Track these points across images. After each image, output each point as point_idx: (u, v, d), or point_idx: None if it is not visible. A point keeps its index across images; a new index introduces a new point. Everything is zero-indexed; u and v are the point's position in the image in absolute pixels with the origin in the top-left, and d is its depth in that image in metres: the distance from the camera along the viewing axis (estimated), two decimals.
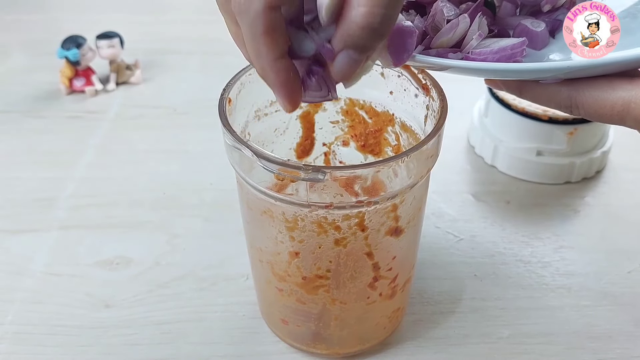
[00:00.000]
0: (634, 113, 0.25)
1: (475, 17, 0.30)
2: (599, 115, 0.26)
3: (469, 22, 0.29)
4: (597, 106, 0.26)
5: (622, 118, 0.25)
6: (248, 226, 0.37)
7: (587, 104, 0.26)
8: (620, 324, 0.42)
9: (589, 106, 0.26)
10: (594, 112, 0.26)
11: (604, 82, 0.26)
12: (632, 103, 0.25)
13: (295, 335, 0.39)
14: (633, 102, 0.25)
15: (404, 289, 0.39)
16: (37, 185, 0.54)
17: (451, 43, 0.30)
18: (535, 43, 0.30)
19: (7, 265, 0.46)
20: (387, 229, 0.33)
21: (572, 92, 0.27)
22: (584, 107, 0.27)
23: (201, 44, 0.76)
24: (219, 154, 0.38)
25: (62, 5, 0.87)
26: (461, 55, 0.29)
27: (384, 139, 0.39)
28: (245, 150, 0.29)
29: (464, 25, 0.29)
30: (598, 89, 0.26)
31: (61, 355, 0.40)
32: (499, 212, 0.51)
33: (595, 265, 0.46)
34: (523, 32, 0.31)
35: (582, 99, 0.26)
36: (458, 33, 0.29)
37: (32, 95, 0.66)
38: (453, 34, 0.29)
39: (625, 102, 0.25)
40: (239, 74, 0.35)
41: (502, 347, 0.41)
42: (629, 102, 0.25)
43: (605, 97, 0.26)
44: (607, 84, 0.26)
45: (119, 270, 0.46)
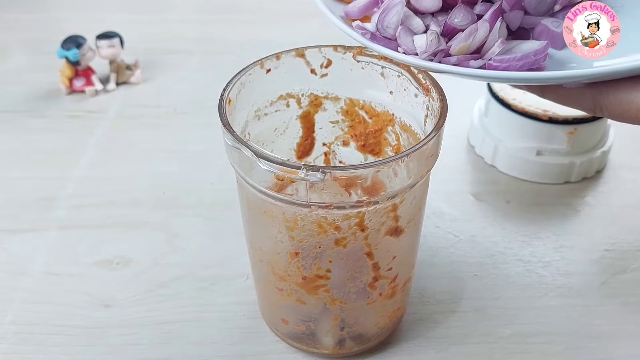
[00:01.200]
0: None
1: (495, 22, 0.29)
2: (623, 117, 0.26)
3: (489, 28, 0.29)
4: (622, 109, 0.26)
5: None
6: (248, 226, 0.37)
7: (612, 106, 0.26)
8: (620, 324, 0.42)
9: (613, 109, 0.26)
10: (618, 114, 0.26)
11: (627, 84, 0.25)
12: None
13: (295, 335, 0.39)
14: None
15: (404, 289, 0.39)
16: (36, 185, 0.54)
17: (471, 49, 0.29)
18: (556, 43, 0.30)
19: (6, 265, 0.46)
20: (387, 229, 0.33)
21: (596, 95, 0.26)
22: (608, 110, 0.26)
23: (201, 44, 0.76)
24: (219, 154, 0.38)
25: (62, 5, 0.87)
26: (482, 62, 0.29)
27: (384, 139, 0.39)
28: (245, 150, 0.29)
29: (484, 31, 0.29)
30: (622, 91, 0.25)
31: (61, 355, 0.40)
32: (499, 212, 0.51)
33: (595, 265, 0.46)
34: (543, 33, 0.30)
35: (606, 102, 0.26)
36: (477, 39, 0.29)
37: (32, 95, 0.66)
38: (472, 40, 0.29)
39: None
40: (239, 74, 0.34)
41: (502, 346, 0.41)
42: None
43: (629, 99, 0.25)
44: (631, 85, 0.25)
45: (118, 270, 0.46)
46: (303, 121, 0.40)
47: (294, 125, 0.40)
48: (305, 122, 0.40)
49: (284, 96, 0.38)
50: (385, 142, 0.40)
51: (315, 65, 0.37)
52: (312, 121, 0.40)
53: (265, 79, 0.36)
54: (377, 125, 0.39)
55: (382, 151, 0.40)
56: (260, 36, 0.75)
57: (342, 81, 0.38)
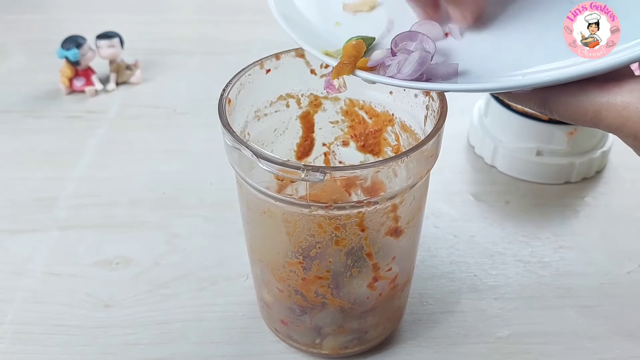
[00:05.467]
0: (605, 120, 0.25)
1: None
2: (572, 119, 0.26)
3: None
4: (570, 112, 0.26)
5: (596, 124, 0.25)
6: (248, 226, 0.37)
7: (560, 109, 0.26)
8: (620, 324, 0.42)
9: (562, 111, 0.26)
10: (567, 117, 0.26)
11: (575, 88, 0.25)
12: (603, 110, 0.25)
13: (295, 335, 0.39)
14: (604, 109, 0.25)
15: (404, 289, 0.39)
16: (37, 185, 0.54)
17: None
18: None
19: (6, 265, 0.46)
20: (386, 229, 0.33)
21: (544, 98, 0.27)
22: (557, 112, 0.26)
23: (201, 44, 0.76)
24: (219, 154, 0.38)
25: (62, 5, 0.87)
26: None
27: (384, 139, 0.39)
28: (245, 150, 0.29)
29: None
30: (570, 94, 0.25)
31: (61, 355, 0.40)
32: (498, 212, 0.51)
33: (595, 265, 0.46)
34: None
35: (555, 105, 0.26)
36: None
37: (32, 95, 0.66)
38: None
39: (596, 110, 0.25)
40: (239, 74, 0.35)
41: (501, 347, 0.41)
42: (600, 110, 0.25)
43: (577, 102, 0.25)
44: (578, 89, 0.25)
45: (118, 270, 0.46)
46: (303, 121, 0.40)
47: (294, 126, 0.40)
48: (305, 122, 0.40)
49: (284, 96, 0.38)
50: (385, 143, 0.40)
51: (315, 65, 0.37)
52: (312, 121, 0.40)
53: (265, 79, 0.36)
54: (377, 126, 0.39)
55: (382, 151, 0.40)
56: (260, 36, 0.75)
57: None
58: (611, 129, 0.25)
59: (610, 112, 0.25)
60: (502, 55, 0.28)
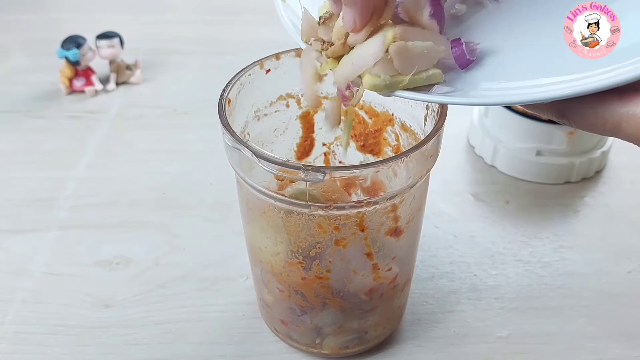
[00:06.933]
0: (625, 131, 0.24)
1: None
2: (591, 130, 0.26)
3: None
4: (589, 122, 0.25)
5: (615, 134, 0.25)
6: (248, 226, 0.37)
7: (578, 119, 0.26)
8: (620, 324, 0.42)
9: (580, 122, 0.26)
10: (586, 127, 0.26)
11: (593, 99, 0.25)
12: (622, 121, 0.24)
13: (295, 335, 0.39)
14: (624, 120, 0.24)
15: (404, 289, 0.39)
16: (37, 185, 0.54)
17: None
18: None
19: (7, 265, 0.46)
20: (386, 229, 0.33)
21: (562, 108, 0.26)
22: (575, 122, 0.26)
23: (201, 44, 0.76)
24: (219, 154, 0.38)
25: (62, 5, 0.87)
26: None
27: (384, 139, 0.39)
28: (244, 150, 0.29)
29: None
30: (587, 105, 0.25)
31: (61, 355, 0.40)
32: (498, 212, 0.51)
33: (595, 265, 0.46)
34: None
35: (573, 116, 0.26)
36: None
37: (32, 95, 0.66)
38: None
39: (615, 121, 0.24)
40: (239, 74, 0.35)
41: (501, 347, 0.41)
42: (619, 121, 0.24)
43: (595, 113, 0.25)
44: (597, 101, 0.25)
45: (118, 270, 0.46)
46: (303, 121, 0.40)
47: (294, 126, 0.40)
48: (305, 122, 0.40)
49: (284, 96, 0.38)
50: (385, 142, 0.40)
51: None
52: (312, 121, 0.40)
53: (265, 79, 0.36)
54: (376, 126, 0.39)
55: (382, 151, 0.40)
56: (260, 36, 0.75)
57: None
58: (631, 139, 0.25)
59: (630, 123, 0.24)
60: (518, 65, 0.28)
